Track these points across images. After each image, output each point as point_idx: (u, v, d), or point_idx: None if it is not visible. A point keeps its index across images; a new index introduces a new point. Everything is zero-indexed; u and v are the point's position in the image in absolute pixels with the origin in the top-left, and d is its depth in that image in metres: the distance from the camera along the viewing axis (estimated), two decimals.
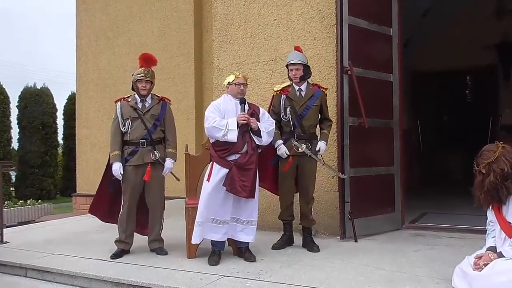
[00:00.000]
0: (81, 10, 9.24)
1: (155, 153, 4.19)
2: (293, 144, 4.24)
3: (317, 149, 4.29)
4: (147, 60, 4.36)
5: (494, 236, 3.07)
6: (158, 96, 4.42)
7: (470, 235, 4.63)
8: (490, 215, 3.11)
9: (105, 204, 4.44)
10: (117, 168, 4.16)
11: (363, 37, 4.85)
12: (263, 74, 5.40)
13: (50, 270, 4.03)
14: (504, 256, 2.90)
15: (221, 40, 5.67)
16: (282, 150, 4.25)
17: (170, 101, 4.49)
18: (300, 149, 4.22)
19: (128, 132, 4.22)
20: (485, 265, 2.92)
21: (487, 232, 3.17)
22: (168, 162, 4.30)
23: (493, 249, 3.02)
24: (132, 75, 4.33)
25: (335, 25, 4.78)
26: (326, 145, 4.38)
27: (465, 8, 8.46)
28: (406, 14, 5.50)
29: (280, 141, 4.27)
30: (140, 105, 4.28)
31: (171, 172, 4.41)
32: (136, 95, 4.33)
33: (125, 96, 4.39)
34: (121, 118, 4.24)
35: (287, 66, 4.37)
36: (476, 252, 3.10)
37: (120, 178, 4.19)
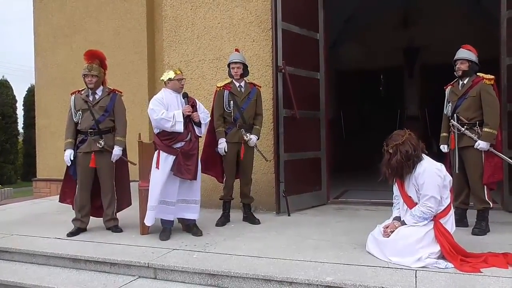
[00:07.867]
0: (38, 8, 8.58)
1: (100, 142, 4.03)
2: (242, 133, 4.23)
3: (247, 139, 4.28)
4: (90, 56, 4.14)
5: (399, 208, 3.22)
6: (109, 89, 4.21)
7: (382, 207, 4.80)
8: (395, 190, 3.25)
9: (72, 190, 4.21)
10: (67, 155, 4.08)
11: (295, 40, 4.87)
12: (209, 71, 5.29)
13: (8, 250, 3.75)
14: (406, 224, 3.07)
15: (171, 40, 5.49)
16: (223, 146, 4.22)
17: (121, 93, 4.29)
18: (245, 137, 4.24)
19: (79, 122, 4.09)
20: (392, 232, 3.08)
21: (393, 204, 3.31)
22: (116, 149, 4.10)
23: (398, 218, 3.18)
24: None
25: (271, 29, 4.76)
26: (258, 139, 4.39)
27: (379, 17, 8.76)
28: (331, 21, 5.59)
29: (223, 139, 4.23)
30: (91, 98, 4.10)
31: (125, 159, 4.24)
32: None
33: (80, 89, 4.19)
34: (73, 109, 4.12)
35: (228, 65, 4.34)
36: (385, 221, 3.26)
37: (69, 164, 4.08)
